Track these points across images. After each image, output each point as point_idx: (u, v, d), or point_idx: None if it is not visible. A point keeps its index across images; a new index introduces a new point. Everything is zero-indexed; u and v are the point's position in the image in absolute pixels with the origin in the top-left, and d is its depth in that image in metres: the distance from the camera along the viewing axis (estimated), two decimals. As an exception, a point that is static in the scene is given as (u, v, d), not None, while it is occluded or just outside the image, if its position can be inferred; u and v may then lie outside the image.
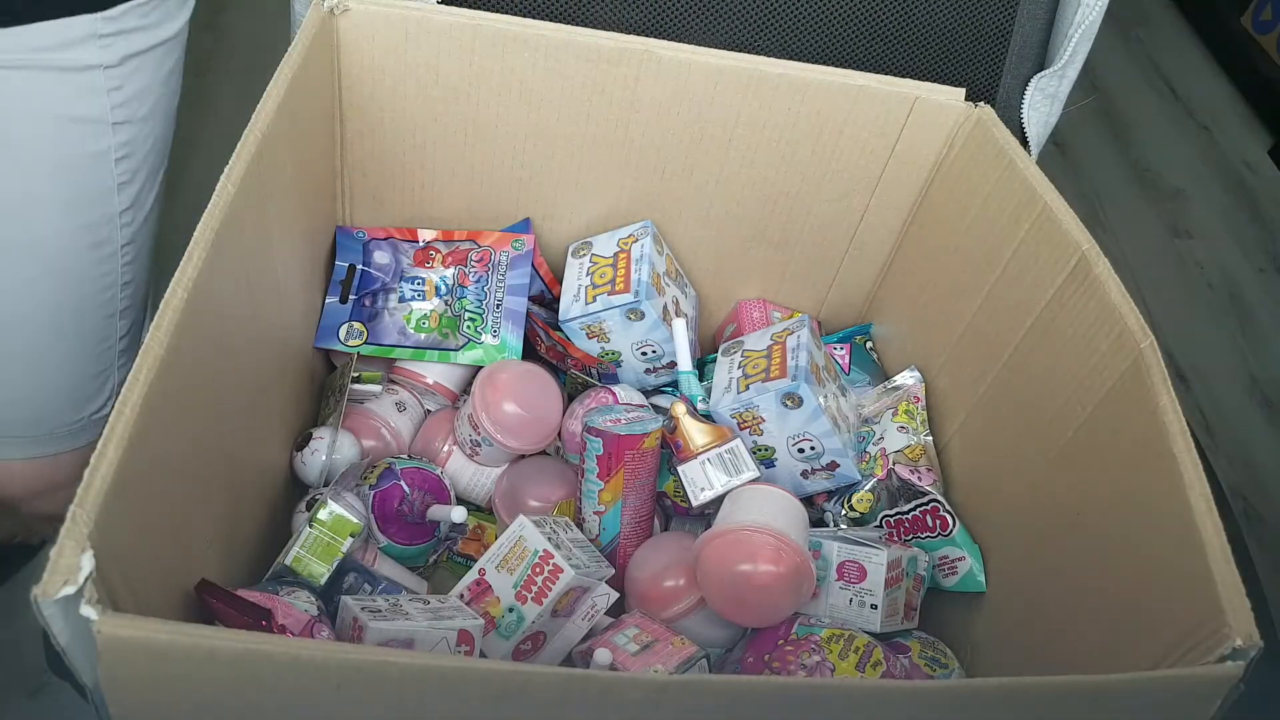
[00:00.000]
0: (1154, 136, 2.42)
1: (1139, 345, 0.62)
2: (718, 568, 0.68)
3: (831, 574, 0.73)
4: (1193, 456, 0.56)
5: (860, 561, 0.72)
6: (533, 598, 0.67)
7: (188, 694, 0.43)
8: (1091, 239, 0.68)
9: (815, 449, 0.79)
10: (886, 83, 0.80)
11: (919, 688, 0.47)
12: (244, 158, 0.59)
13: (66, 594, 0.40)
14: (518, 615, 0.67)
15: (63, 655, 0.42)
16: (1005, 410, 0.76)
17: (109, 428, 0.45)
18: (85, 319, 0.84)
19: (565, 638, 0.71)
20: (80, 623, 0.41)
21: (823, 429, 0.78)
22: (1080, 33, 0.81)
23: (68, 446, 0.89)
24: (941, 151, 0.83)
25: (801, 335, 0.81)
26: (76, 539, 0.41)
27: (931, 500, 0.78)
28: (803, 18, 0.86)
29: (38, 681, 1.22)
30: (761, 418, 0.79)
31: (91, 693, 0.44)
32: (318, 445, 0.77)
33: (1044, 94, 0.86)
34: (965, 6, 0.86)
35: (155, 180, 0.86)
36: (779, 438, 0.79)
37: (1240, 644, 0.48)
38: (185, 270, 0.52)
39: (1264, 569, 1.64)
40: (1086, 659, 0.62)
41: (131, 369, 0.48)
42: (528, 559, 0.67)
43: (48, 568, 0.41)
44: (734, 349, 0.85)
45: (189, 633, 0.41)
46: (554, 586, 0.66)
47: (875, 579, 0.71)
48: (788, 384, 0.77)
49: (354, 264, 0.85)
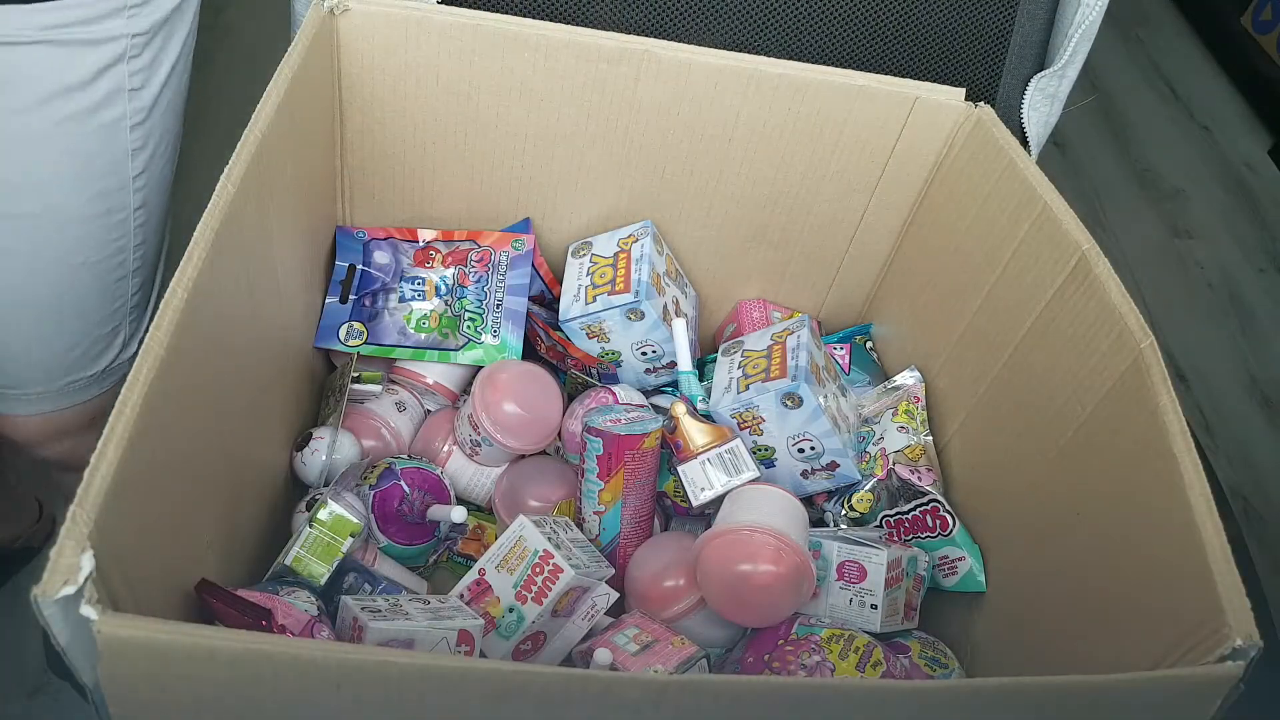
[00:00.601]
0: (1154, 136, 2.42)
1: (1139, 345, 0.62)
2: (718, 568, 0.68)
3: (832, 574, 0.73)
4: (1193, 456, 0.56)
5: (860, 561, 0.72)
6: (533, 598, 0.67)
7: (188, 693, 0.43)
8: (1091, 239, 0.68)
9: (815, 449, 0.79)
10: (886, 83, 0.80)
11: (919, 688, 0.47)
12: (244, 158, 0.59)
13: (66, 594, 0.40)
14: (518, 615, 0.67)
15: (63, 655, 0.42)
16: (1005, 410, 0.76)
17: (109, 428, 0.45)
18: (97, 283, 0.85)
19: (565, 638, 0.71)
20: (80, 623, 0.41)
21: (823, 429, 0.78)
22: (1080, 33, 0.81)
23: (77, 400, 0.90)
24: (941, 151, 0.83)
25: (801, 335, 0.81)
26: (76, 539, 0.41)
27: (931, 500, 0.78)
28: (803, 18, 0.86)
29: (38, 681, 1.22)
30: (761, 417, 0.79)
31: (91, 693, 0.44)
32: (318, 445, 0.77)
33: (1044, 94, 0.86)
34: (965, 6, 0.87)
35: (169, 141, 0.86)
36: (779, 437, 0.79)
37: (1240, 644, 0.48)
38: (185, 270, 0.52)
39: (1264, 569, 1.64)
40: (1086, 659, 0.62)
41: (133, 366, 0.48)
42: (528, 559, 0.67)
43: (48, 568, 0.41)
44: (734, 349, 0.85)
45: (189, 632, 0.41)
46: (554, 586, 0.66)
47: (875, 579, 0.71)
48: (788, 384, 0.77)
49: (354, 264, 0.85)
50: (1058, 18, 0.86)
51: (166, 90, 0.82)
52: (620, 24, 0.84)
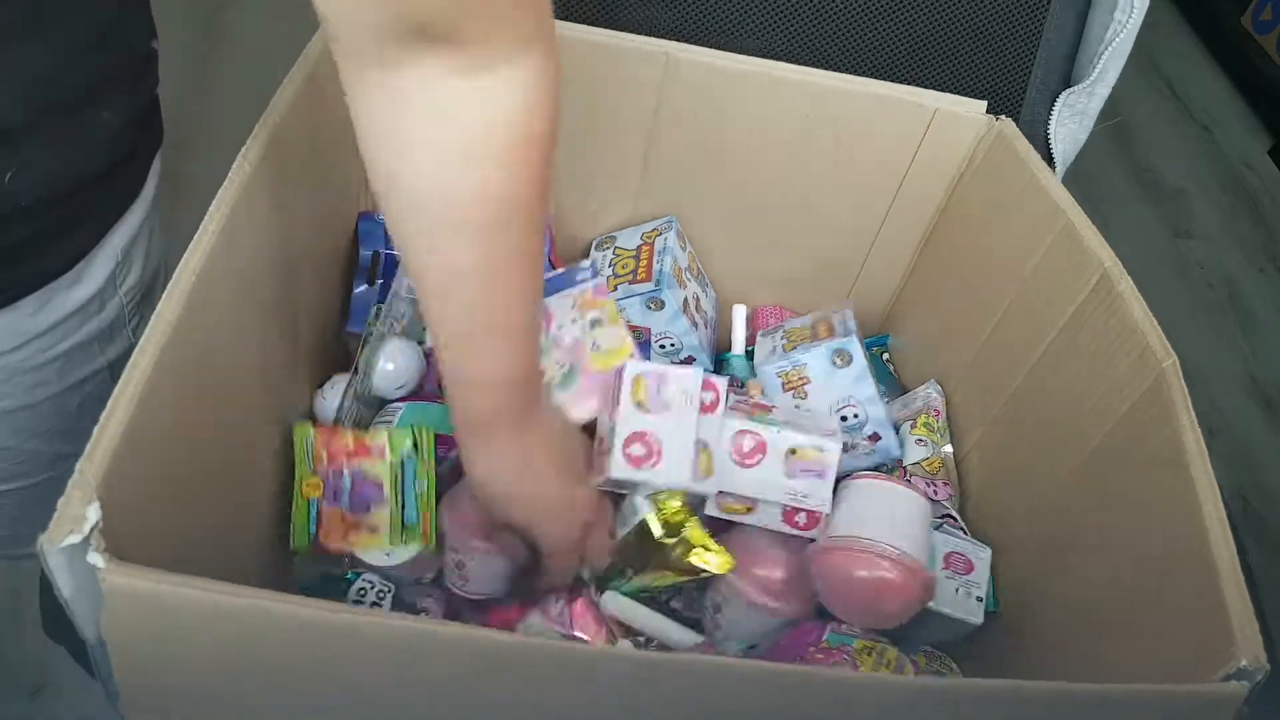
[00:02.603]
0: (1154, 136, 2.42)
1: (1161, 364, 0.61)
2: (842, 582, 0.67)
3: (939, 563, 0.72)
4: (1209, 478, 0.55)
5: (967, 555, 0.72)
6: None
7: (190, 646, 0.43)
8: (1114, 256, 0.67)
9: (859, 416, 0.79)
10: (907, 93, 0.79)
11: (921, 685, 0.47)
12: (262, 139, 0.59)
13: (72, 542, 0.40)
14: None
15: (65, 608, 0.42)
16: (1023, 426, 0.75)
17: (119, 388, 0.45)
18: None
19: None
20: (85, 573, 0.40)
21: (867, 393, 0.78)
22: (1111, 50, 0.80)
23: None
24: (962, 164, 0.82)
25: (847, 315, 0.81)
26: (84, 490, 0.41)
27: (945, 515, 0.77)
28: (828, 25, 0.86)
29: (38, 681, 1.22)
30: (807, 378, 0.78)
31: (92, 649, 0.44)
32: (337, 381, 0.76)
33: (1072, 110, 0.86)
34: (991, 18, 0.86)
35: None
36: (823, 401, 0.79)
37: (1246, 665, 0.47)
38: (199, 242, 0.52)
39: (1264, 569, 1.65)
40: (1093, 675, 0.60)
41: (144, 333, 0.48)
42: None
43: (54, 518, 0.40)
44: (773, 332, 0.85)
45: (193, 585, 0.40)
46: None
47: (982, 572, 0.72)
48: (838, 340, 0.77)
49: (377, 250, 0.85)
50: (1085, 32, 0.85)
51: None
52: (643, 27, 0.83)
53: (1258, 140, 2.46)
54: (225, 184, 0.55)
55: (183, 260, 0.51)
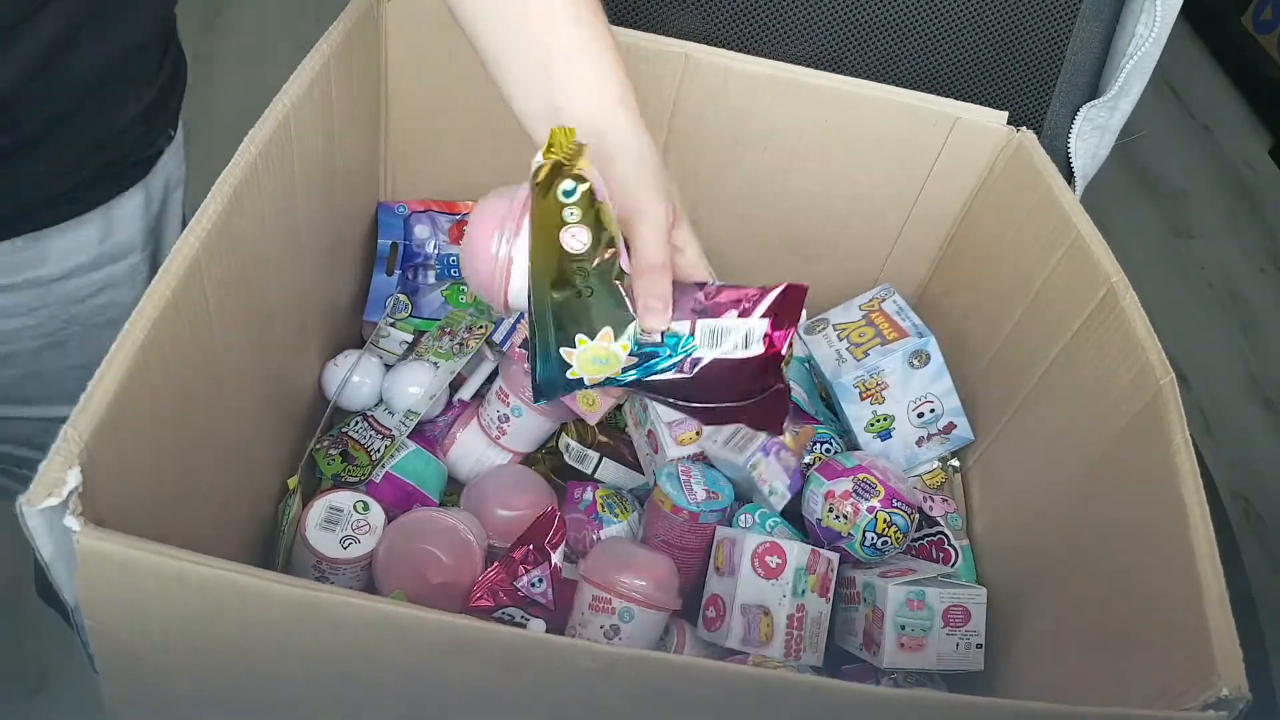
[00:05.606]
0: (1154, 136, 2.43)
1: (1159, 382, 0.60)
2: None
3: (938, 622, 0.68)
4: (1200, 499, 0.54)
5: (964, 604, 0.69)
6: None
7: (158, 613, 0.44)
8: (1120, 270, 0.67)
9: (935, 410, 0.79)
10: (927, 101, 0.79)
11: (888, 696, 0.47)
12: (270, 124, 0.59)
13: (50, 504, 0.40)
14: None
15: (46, 570, 0.43)
16: (1026, 440, 0.75)
17: (109, 355, 0.46)
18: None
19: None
20: (63, 536, 0.41)
21: (944, 387, 0.78)
22: (1133, 64, 0.79)
23: None
24: (982, 175, 0.81)
25: (896, 299, 0.81)
26: (65, 455, 0.42)
27: (939, 532, 0.76)
28: (849, 30, 0.85)
29: (38, 681, 1.22)
30: (886, 383, 0.77)
31: (74, 613, 0.45)
32: (342, 361, 0.79)
33: (1093, 124, 0.84)
34: (1018, 29, 0.85)
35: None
36: (901, 402, 0.78)
37: (1227, 694, 0.46)
38: (200, 219, 0.53)
39: (1264, 569, 1.66)
40: (1079, 695, 0.60)
41: (139, 301, 0.48)
42: None
43: (34, 481, 0.41)
44: (819, 326, 0.83)
45: (162, 552, 0.41)
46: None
47: (978, 619, 0.69)
48: (915, 341, 0.77)
49: (395, 241, 0.86)
50: (1113, 47, 0.84)
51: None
52: (664, 30, 0.83)
53: (1258, 140, 2.46)
54: (229, 165, 0.56)
55: (181, 237, 0.52)
